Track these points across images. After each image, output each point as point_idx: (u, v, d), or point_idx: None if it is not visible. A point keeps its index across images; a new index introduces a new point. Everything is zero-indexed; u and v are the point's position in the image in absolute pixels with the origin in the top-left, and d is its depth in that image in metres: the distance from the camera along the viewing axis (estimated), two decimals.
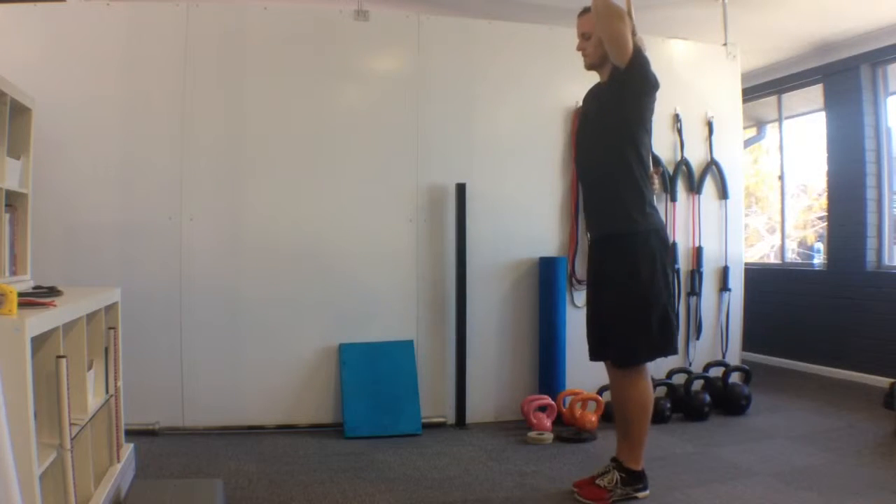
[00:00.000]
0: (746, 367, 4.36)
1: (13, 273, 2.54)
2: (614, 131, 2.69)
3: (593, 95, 2.84)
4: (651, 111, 2.72)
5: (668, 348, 2.68)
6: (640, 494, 2.66)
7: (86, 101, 3.56)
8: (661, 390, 4.00)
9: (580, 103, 4.04)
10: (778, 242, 6.33)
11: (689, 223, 4.37)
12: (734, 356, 4.47)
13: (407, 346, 3.86)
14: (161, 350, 3.58)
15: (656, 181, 2.77)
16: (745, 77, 5.14)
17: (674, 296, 2.77)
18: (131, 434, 3.10)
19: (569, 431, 3.65)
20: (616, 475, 2.66)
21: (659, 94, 4.35)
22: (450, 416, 3.89)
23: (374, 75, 3.99)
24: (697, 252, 4.36)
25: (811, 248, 6.58)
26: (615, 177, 2.67)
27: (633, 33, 2.66)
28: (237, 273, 3.71)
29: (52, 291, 2.19)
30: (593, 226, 2.87)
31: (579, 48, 2.80)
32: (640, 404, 2.66)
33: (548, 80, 4.12)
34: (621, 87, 2.66)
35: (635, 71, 2.62)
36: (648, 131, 2.72)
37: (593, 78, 2.88)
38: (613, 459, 2.71)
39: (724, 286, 4.46)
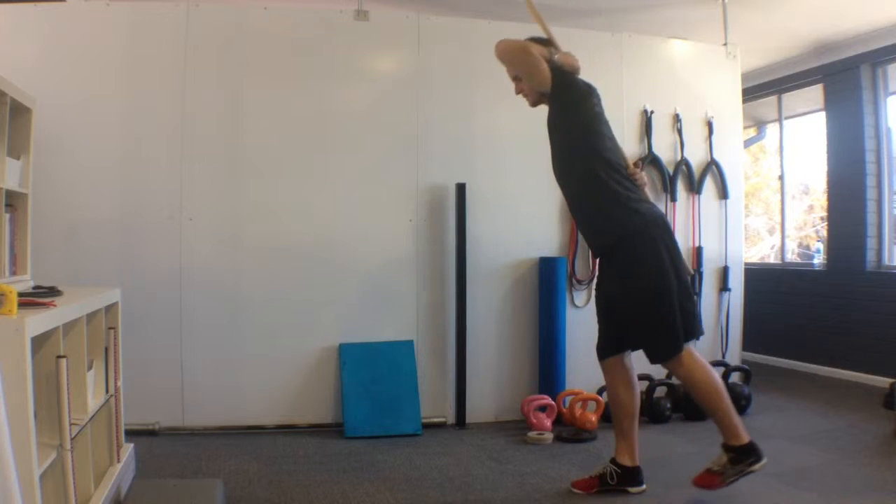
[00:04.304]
0: (746, 367, 4.36)
1: (13, 273, 2.54)
2: (572, 150, 2.74)
3: (547, 125, 2.86)
4: (598, 114, 2.75)
5: (696, 331, 2.72)
6: (756, 466, 2.59)
7: (86, 101, 3.56)
8: (661, 390, 4.00)
9: None
10: (778, 243, 6.33)
11: (689, 223, 4.37)
12: (734, 356, 4.47)
13: (407, 346, 3.86)
14: (161, 350, 3.58)
15: (640, 175, 2.77)
16: (745, 77, 5.14)
17: (686, 278, 2.76)
18: (131, 434, 3.09)
19: (569, 431, 3.65)
20: (725, 457, 2.62)
21: (659, 94, 4.40)
22: (450, 416, 3.89)
23: (374, 75, 3.99)
24: (697, 252, 4.36)
25: (811, 250, 6.59)
26: (591, 190, 2.70)
27: (551, 55, 2.74)
28: (237, 273, 3.71)
29: (52, 291, 2.19)
30: (592, 243, 2.90)
31: (517, 92, 2.87)
32: (705, 382, 2.64)
33: None
34: (557, 109, 2.75)
35: (560, 89, 2.70)
36: (605, 133, 2.75)
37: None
38: (723, 446, 2.65)
39: (724, 286, 4.46)
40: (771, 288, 5.80)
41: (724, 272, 4.46)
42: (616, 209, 2.66)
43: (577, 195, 2.81)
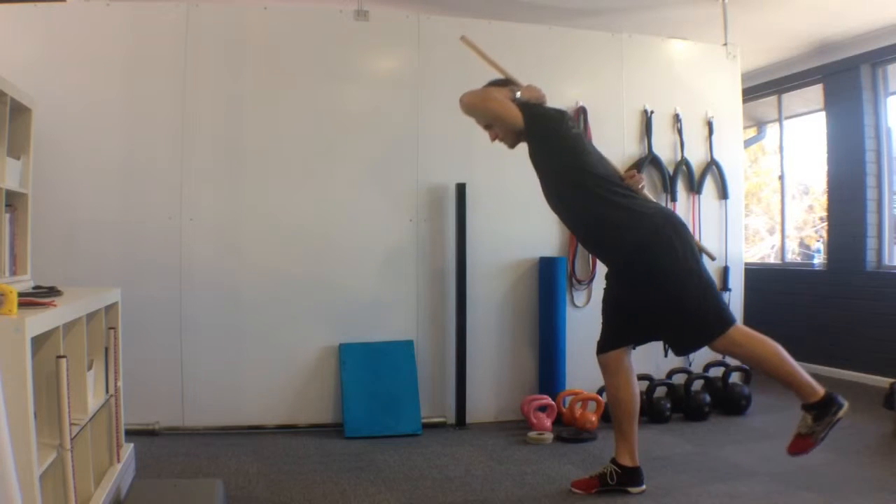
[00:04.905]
0: (746, 367, 4.35)
1: (13, 273, 2.54)
2: (562, 176, 2.75)
3: (531, 161, 2.85)
4: (577, 135, 2.79)
5: (730, 313, 2.67)
6: (841, 413, 2.59)
7: (86, 101, 3.56)
8: (661, 390, 4.00)
9: (579, 103, 4.08)
10: (778, 243, 6.33)
11: (689, 223, 4.35)
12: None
13: (407, 346, 3.86)
14: (161, 350, 3.58)
15: (636, 179, 2.77)
16: (745, 77, 5.14)
17: (706, 269, 2.73)
18: (131, 434, 3.10)
19: (569, 431, 3.65)
20: (808, 416, 2.62)
21: (659, 94, 4.39)
22: (450, 416, 3.89)
23: (374, 75, 3.99)
24: None
25: (811, 250, 6.59)
26: (592, 209, 2.68)
27: (514, 93, 2.79)
28: (237, 273, 3.71)
29: (52, 291, 2.19)
30: (609, 262, 2.83)
31: (492, 139, 2.89)
32: (765, 353, 2.66)
33: (547, 80, 4.04)
34: (536, 142, 2.77)
35: (533, 123, 2.74)
36: (589, 150, 2.77)
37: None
38: (802, 407, 2.66)
39: (724, 286, 4.45)
40: (771, 288, 5.80)
41: (724, 272, 4.45)
42: (623, 219, 2.63)
43: (580, 218, 2.79)
